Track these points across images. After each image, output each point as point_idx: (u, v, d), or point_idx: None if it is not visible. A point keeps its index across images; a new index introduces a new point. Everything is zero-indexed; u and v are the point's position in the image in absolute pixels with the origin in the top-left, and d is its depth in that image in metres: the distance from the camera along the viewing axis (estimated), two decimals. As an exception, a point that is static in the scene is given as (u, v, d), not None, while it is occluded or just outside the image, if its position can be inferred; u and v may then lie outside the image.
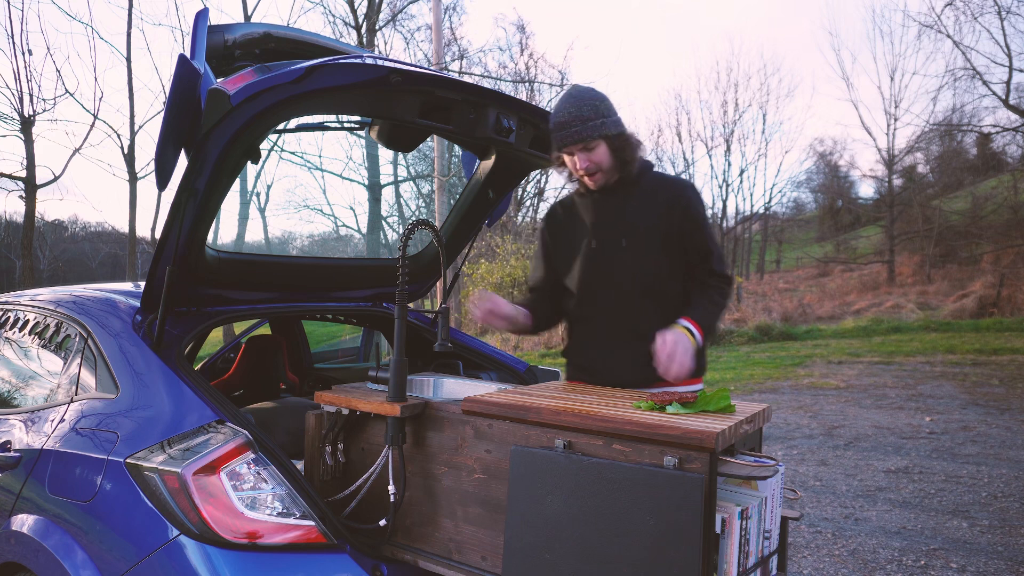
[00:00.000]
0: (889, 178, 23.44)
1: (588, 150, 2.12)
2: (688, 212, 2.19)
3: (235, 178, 1.90)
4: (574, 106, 2.10)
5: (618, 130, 2.13)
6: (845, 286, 21.70)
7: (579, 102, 2.11)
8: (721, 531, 1.46)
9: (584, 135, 2.09)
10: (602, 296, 2.26)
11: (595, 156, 2.13)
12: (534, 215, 23.17)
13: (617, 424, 1.54)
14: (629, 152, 2.16)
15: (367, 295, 2.93)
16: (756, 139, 36.58)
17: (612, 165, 2.16)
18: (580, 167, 2.15)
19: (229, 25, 2.00)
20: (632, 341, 2.19)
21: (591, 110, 2.10)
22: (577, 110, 2.10)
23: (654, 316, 2.18)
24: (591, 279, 2.27)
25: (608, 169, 2.16)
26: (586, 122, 2.09)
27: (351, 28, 16.00)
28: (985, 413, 6.78)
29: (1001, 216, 20.36)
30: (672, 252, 2.20)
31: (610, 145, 2.13)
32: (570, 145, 2.12)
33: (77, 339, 2.26)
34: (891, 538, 3.80)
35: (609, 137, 2.12)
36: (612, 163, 2.16)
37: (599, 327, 2.28)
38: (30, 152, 11.46)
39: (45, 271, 28.41)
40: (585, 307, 2.31)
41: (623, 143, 2.15)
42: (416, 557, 1.84)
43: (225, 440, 1.74)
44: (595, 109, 2.10)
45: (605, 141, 2.12)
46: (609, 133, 2.11)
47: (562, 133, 2.12)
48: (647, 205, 2.21)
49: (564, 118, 2.11)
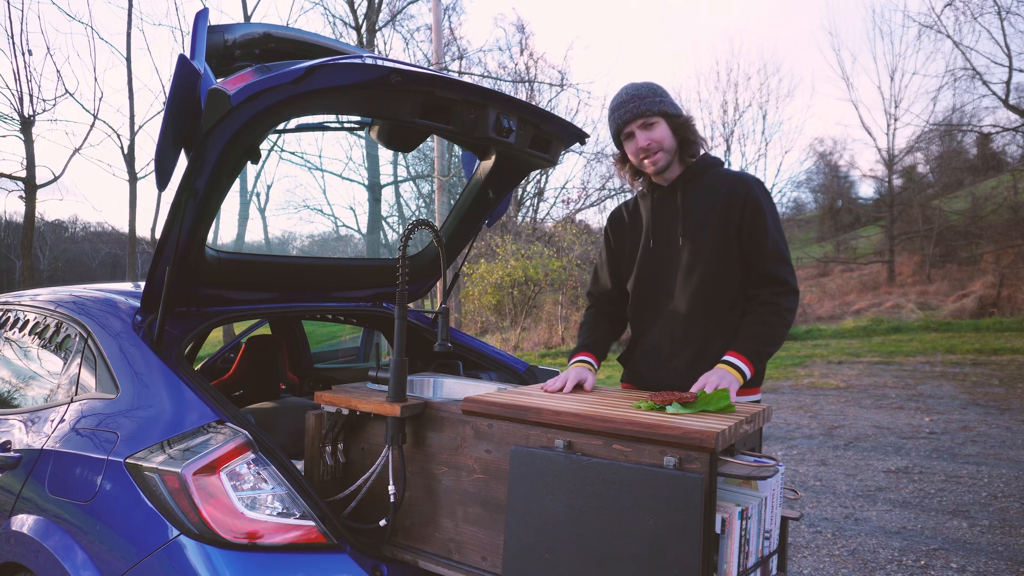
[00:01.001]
0: (889, 178, 23.44)
1: (647, 127, 2.10)
2: (747, 206, 2.07)
3: (235, 178, 1.90)
4: (632, 88, 2.12)
5: (677, 111, 2.13)
6: (845, 286, 21.69)
7: (636, 86, 2.13)
8: (721, 531, 1.46)
9: (642, 109, 2.08)
10: (654, 301, 2.21)
11: (655, 133, 2.10)
12: (534, 215, 23.17)
13: (617, 424, 1.54)
14: (688, 136, 2.12)
15: (367, 295, 2.93)
16: (756, 139, 36.56)
17: (673, 145, 2.12)
18: (641, 144, 2.11)
19: (229, 25, 2.00)
20: (685, 348, 2.13)
21: (648, 90, 2.11)
22: (635, 90, 2.11)
23: (708, 326, 2.11)
24: (644, 281, 2.23)
25: (669, 149, 2.12)
26: (644, 99, 2.09)
27: (351, 28, 16.00)
28: (985, 413, 6.78)
29: (1001, 216, 20.34)
30: (730, 251, 2.10)
31: (670, 124, 2.11)
32: (630, 122, 2.10)
33: (77, 339, 2.26)
34: (891, 538, 3.79)
35: (668, 115, 2.11)
36: (673, 143, 2.12)
37: (651, 333, 2.21)
38: (30, 152, 11.46)
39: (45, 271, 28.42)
40: (639, 311, 2.26)
41: (684, 123, 2.12)
42: (416, 557, 1.84)
43: (225, 440, 1.74)
44: (652, 90, 2.11)
45: (664, 119, 2.10)
46: (668, 111, 2.10)
47: (620, 111, 2.11)
48: (706, 200, 2.14)
49: (622, 98, 2.11)
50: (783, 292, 2.06)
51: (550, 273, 15.74)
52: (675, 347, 2.15)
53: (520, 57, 22.70)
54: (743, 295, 2.12)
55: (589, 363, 2.20)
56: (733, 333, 2.09)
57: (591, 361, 2.21)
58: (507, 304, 16.59)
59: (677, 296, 2.15)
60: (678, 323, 2.14)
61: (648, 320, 2.23)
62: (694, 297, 2.12)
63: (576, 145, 2.57)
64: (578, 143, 2.54)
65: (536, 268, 15.61)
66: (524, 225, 20.77)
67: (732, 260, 2.10)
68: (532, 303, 16.50)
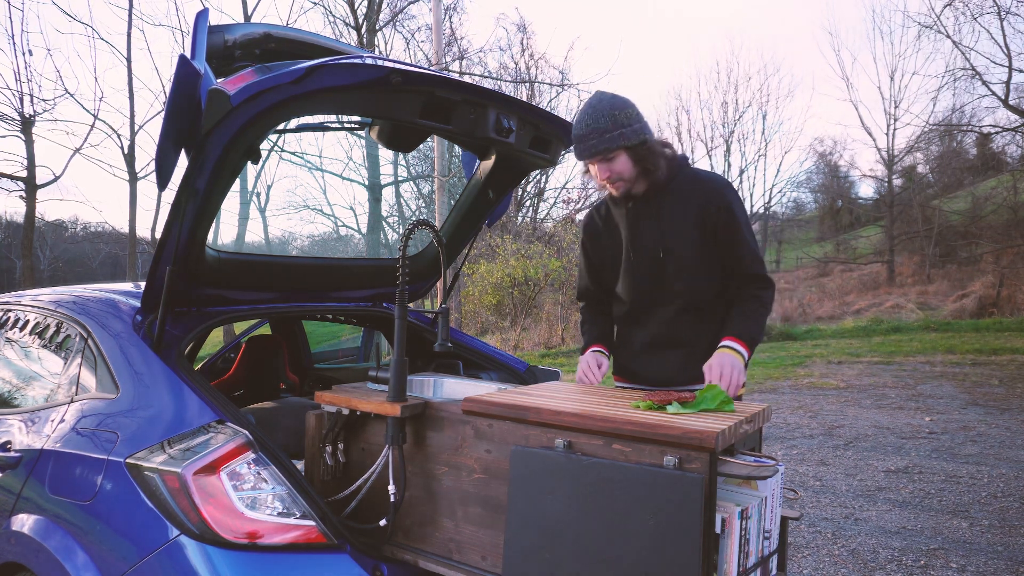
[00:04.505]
0: (889, 178, 23.43)
1: (608, 160, 2.10)
2: (721, 213, 2.14)
3: (235, 178, 1.90)
4: (591, 117, 2.07)
5: (639, 139, 2.08)
6: (845, 286, 21.69)
7: (596, 113, 2.06)
8: (721, 531, 1.46)
9: (600, 147, 2.06)
10: (644, 309, 2.29)
11: (615, 166, 2.10)
12: (534, 215, 23.17)
13: (617, 424, 1.54)
14: (652, 161, 2.11)
15: (367, 295, 2.93)
16: (756, 139, 36.54)
17: (634, 174, 2.13)
18: (601, 178, 2.13)
19: (229, 25, 2.00)
20: (676, 348, 2.24)
21: (608, 120, 2.05)
22: (594, 122, 2.06)
23: (696, 326, 2.23)
24: (632, 291, 2.30)
25: (630, 179, 2.13)
26: (603, 134, 2.05)
27: (351, 28, 15.99)
28: (985, 413, 6.78)
29: (1001, 216, 20.34)
30: (710, 257, 2.19)
31: (631, 155, 2.09)
32: (588, 158, 2.11)
33: (77, 339, 2.26)
34: (891, 538, 3.80)
35: (629, 148, 2.08)
36: (634, 172, 2.12)
37: (642, 337, 2.31)
38: (30, 152, 11.47)
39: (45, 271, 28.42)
40: (628, 316, 2.34)
41: (645, 152, 2.10)
42: (416, 557, 1.84)
43: (225, 440, 1.74)
44: (613, 119, 2.05)
45: (625, 151, 2.09)
46: (629, 144, 2.07)
47: (580, 146, 2.10)
48: (680, 211, 2.18)
49: (582, 131, 2.08)
50: (764, 287, 2.20)
51: (550, 273, 15.74)
52: (667, 347, 2.26)
53: (521, 57, 22.69)
54: (724, 290, 2.23)
55: (602, 352, 2.34)
56: (719, 326, 2.20)
57: (603, 351, 2.35)
58: (507, 304, 16.59)
59: (664, 303, 2.25)
60: (667, 326, 2.26)
61: (639, 323, 2.33)
62: (681, 303, 2.22)
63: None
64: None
65: (536, 268, 15.61)
66: (524, 225, 20.76)
67: (712, 263, 2.20)
68: (532, 303, 16.50)
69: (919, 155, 24.57)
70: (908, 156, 24.17)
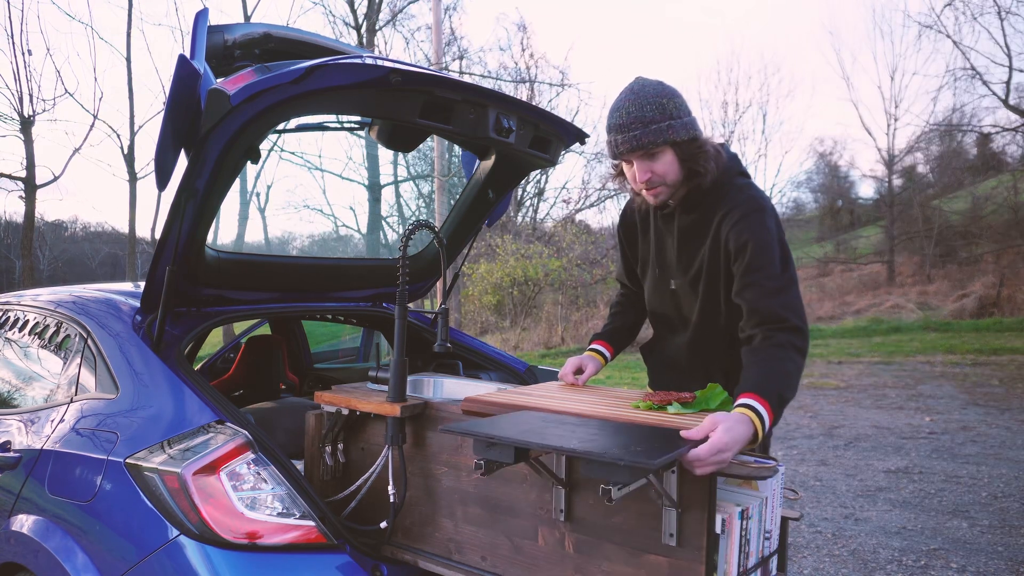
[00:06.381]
0: (889, 178, 23.43)
1: (650, 157, 1.78)
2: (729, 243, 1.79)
3: (235, 178, 1.90)
4: (635, 105, 1.76)
5: (689, 134, 1.77)
6: (845, 286, 21.67)
7: (641, 100, 1.76)
8: (721, 531, 1.46)
9: (645, 140, 1.75)
10: (666, 326, 2.07)
11: (659, 166, 1.79)
12: (534, 215, 23.17)
13: (617, 424, 1.54)
14: (702, 161, 1.79)
15: (367, 295, 2.93)
16: (756, 139, 36.52)
17: (679, 178, 1.81)
18: (640, 179, 1.81)
19: (229, 25, 2.00)
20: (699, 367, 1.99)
21: (655, 110, 1.75)
22: (639, 110, 1.75)
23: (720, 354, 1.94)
24: (655, 307, 2.08)
25: (674, 183, 1.82)
26: (648, 125, 1.74)
27: (351, 28, 16.01)
28: (985, 413, 6.78)
29: (1001, 216, 20.34)
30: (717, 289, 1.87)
31: (678, 153, 1.78)
32: (629, 152, 1.78)
33: (77, 339, 2.26)
34: (891, 538, 3.79)
35: (678, 144, 1.77)
36: (679, 175, 1.81)
37: (663, 358, 2.12)
38: (30, 152, 11.46)
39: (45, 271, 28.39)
40: (654, 330, 2.15)
41: (695, 150, 1.78)
42: (416, 557, 1.84)
43: (225, 440, 1.74)
44: (661, 108, 1.75)
45: (672, 148, 1.77)
46: (678, 139, 1.76)
47: (621, 137, 1.77)
48: (698, 236, 1.87)
49: (623, 119, 1.76)
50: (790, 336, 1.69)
51: (550, 273, 15.74)
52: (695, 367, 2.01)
53: (521, 57, 22.68)
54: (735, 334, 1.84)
55: (598, 351, 2.15)
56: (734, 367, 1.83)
57: (602, 349, 2.16)
58: (507, 304, 16.59)
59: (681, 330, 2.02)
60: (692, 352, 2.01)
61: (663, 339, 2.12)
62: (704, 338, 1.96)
63: (576, 145, 2.57)
64: (578, 143, 2.54)
65: (536, 268, 15.61)
66: (524, 225, 20.76)
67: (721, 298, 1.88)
68: (532, 303, 16.50)
69: (919, 155, 24.57)
70: (908, 156, 24.17)
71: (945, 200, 22.98)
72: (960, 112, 21.24)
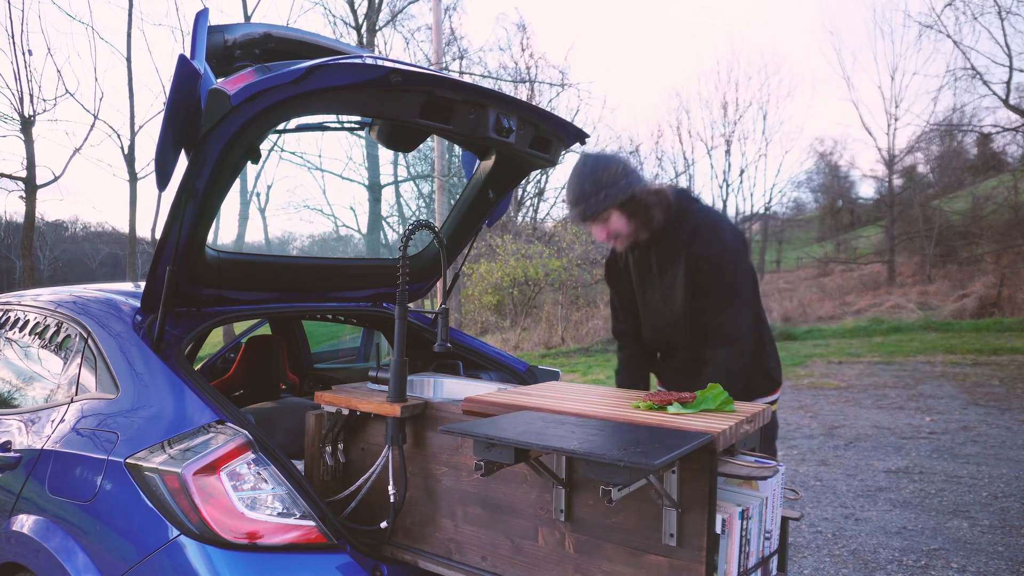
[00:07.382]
0: (889, 178, 23.44)
1: (602, 221, 2.16)
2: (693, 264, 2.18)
3: (235, 178, 1.90)
4: (576, 183, 2.14)
5: (626, 195, 2.12)
6: (845, 286, 21.67)
7: (580, 180, 2.13)
8: (721, 531, 1.46)
9: (589, 213, 2.13)
10: (667, 345, 2.41)
11: (611, 226, 2.17)
12: (534, 215, 23.17)
13: (617, 424, 1.54)
14: (643, 213, 2.15)
15: (367, 295, 2.93)
16: (756, 139, 36.52)
17: (631, 229, 2.18)
18: (600, 239, 2.21)
19: (229, 25, 2.00)
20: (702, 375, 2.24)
21: (592, 184, 2.11)
22: (580, 188, 2.13)
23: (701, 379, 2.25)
24: (654, 332, 2.39)
25: (629, 233, 2.19)
26: (589, 199, 2.11)
27: (351, 28, 16.00)
28: (985, 413, 6.78)
29: (1001, 216, 20.34)
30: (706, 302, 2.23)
31: (623, 211, 2.14)
32: (582, 223, 2.19)
33: (77, 339, 2.26)
34: (891, 538, 3.79)
35: (619, 205, 2.13)
36: (630, 227, 2.18)
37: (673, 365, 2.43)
38: (30, 152, 11.46)
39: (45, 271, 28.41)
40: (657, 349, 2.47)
41: (636, 206, 2.14)
42: (416, 557, 1.84)
43: (225, 440, 1.74)
44: (596, 182, 2.11)
45: (616, 209, 2.13)
46: (617, 202, 2.11)
47: (573, 212, 2.19)
48: (671, 263, 2.23)
49: (570, 197, 2.17)
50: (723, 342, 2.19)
51: (550, 273, 15.74)
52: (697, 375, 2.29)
53: (521, 56, 22.70)
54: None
55: None
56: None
57: None
58: (507, 304, 16.59)
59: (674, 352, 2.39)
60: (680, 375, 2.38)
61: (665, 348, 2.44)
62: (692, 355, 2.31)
63: (576, 145, 2.57)
64: (578, 143, 2.54)
65: (536, 268, 15.61)
66: (524, 225, 20.77)
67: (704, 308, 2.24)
68: (532, 303, 16.50)
69: (919, 155, 24.59)
70: (908, 156, 24.19)
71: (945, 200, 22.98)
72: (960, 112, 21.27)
